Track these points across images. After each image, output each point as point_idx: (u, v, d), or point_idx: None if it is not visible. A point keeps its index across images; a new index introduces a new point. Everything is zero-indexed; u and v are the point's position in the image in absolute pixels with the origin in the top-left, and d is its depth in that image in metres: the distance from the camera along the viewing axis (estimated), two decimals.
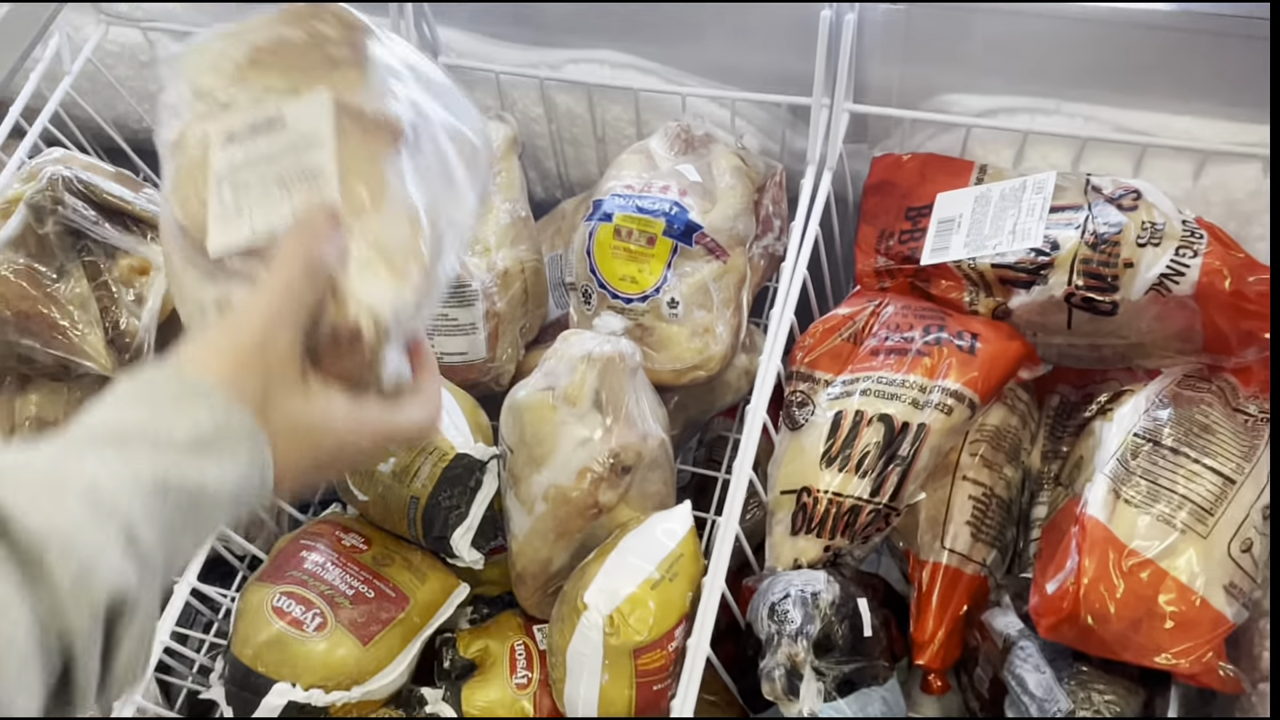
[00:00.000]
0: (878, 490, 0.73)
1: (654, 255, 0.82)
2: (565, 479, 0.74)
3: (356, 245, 0.50)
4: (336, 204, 0.50)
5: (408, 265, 0.51)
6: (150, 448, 0.39)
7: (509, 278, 0.89)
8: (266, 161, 0.52)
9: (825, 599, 0.69)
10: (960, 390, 0.75)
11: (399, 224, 0.51)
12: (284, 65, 0.53)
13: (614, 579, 0.70)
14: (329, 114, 0.51)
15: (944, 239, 0.82)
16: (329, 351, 0.49)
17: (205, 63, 0.54)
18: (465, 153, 0.57)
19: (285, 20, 0.55)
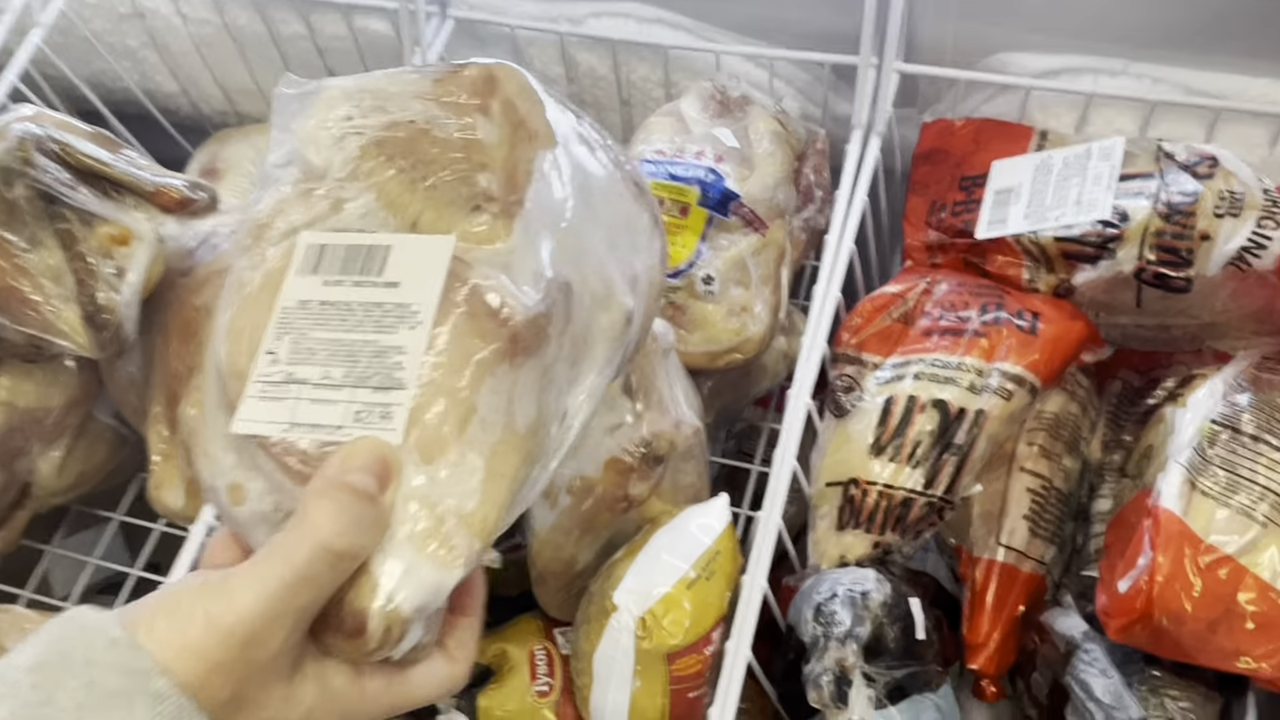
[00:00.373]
0: (931, 482, 0.74)
1: (687, 227, 0.83)
2: (592, 470, 0.75)
3: (409, 504, 0.42)
4: (392, 455, 0.42)
5: (468, 538, 0.42)
6: None
7: None
8: (344, 318, 0.44)
9: (876, 599, 0.70)
10: (1021, 374, 0.76)
11: (472, 470, 0.42)
12: (415, 172, 0.45)
13: (646, 578, 0.71)
14: (439, 283, 0.43)
15: (1001, 211, 0.84)
16: (331, 625, 0.41)
17: (327, 129, 0.47)
18: (609, 329, 0.49)
19: (445, 90, 0.47)
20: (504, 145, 0.46)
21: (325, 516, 0.40)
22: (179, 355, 0.91)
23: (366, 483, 0.41)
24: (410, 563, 0.41)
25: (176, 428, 0.91)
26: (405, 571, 0.41)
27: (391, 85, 0.49)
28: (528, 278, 0.45)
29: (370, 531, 0.41)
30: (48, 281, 0.81)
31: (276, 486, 0.44)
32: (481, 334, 0.44)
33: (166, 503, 0.90)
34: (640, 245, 0.51)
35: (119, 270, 0.82)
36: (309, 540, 0.40)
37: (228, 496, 0.46)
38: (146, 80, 1.18)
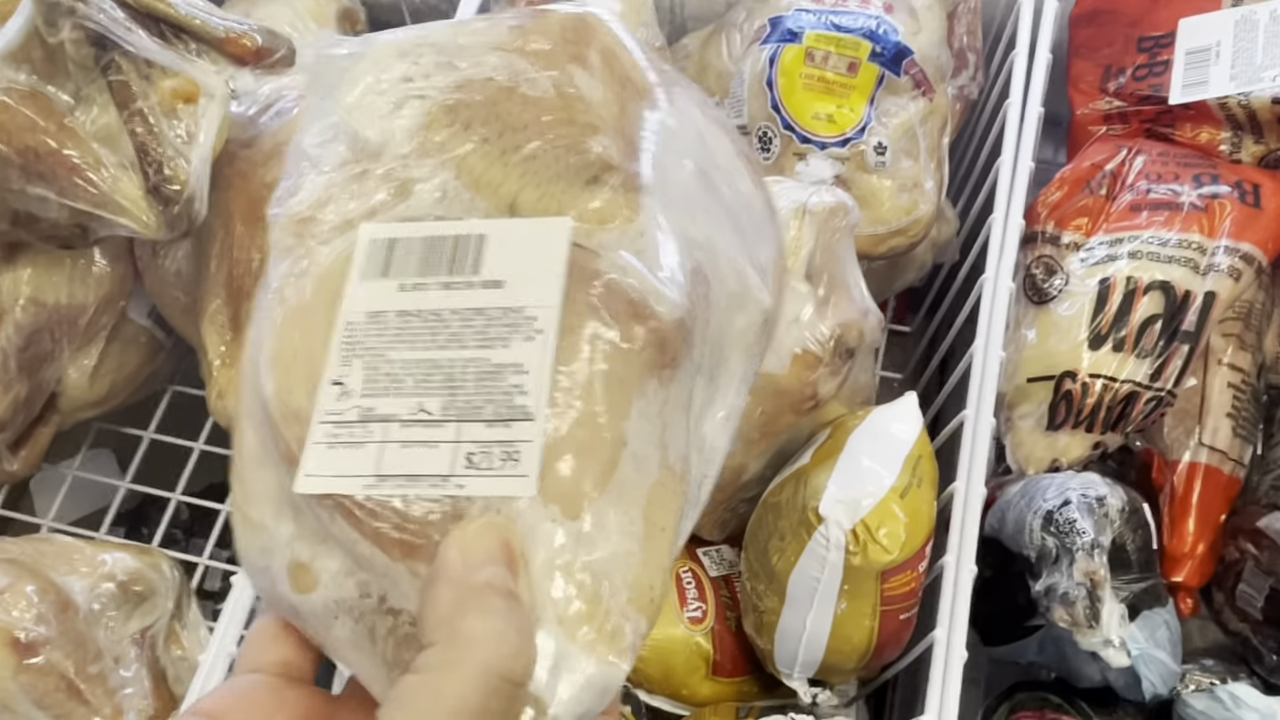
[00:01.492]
0: (1159, 373, 0.65)
1: (854, 87, 0.71)
2: (775, 364, 0.64)
3: (552, 578, 0.30)
4: (515, 534, 0.30)
5: (635, 617, 0.31)
6: None
7: None
8: (434, 332, 0.32)
9: (1113, 504, 0.62)
10: (1250, 251, 0.67)
11: (629, 524, 0.31)
12: (503, 140, 0.34)
13: (852, 487, 0.61)
14: (560, 279, 0.32)
15: (1199, 72, 0.74)
16: None
17: (381, 93, 0.36)
18: (746, 334, 0.38)
19: (528, 40, 0.36)
20: (613, 103, 0.35)
21: (488, 631, 0.27)
22: (244, 241, 0.76)
23: (506, 578, 0.29)
24: (564, 659, 0.29)
25: (242, 327, 0.77)
26: (560, 671, 0.29)
27: (458, 37, 0.37)
28: (665, 266, 0.34)
29: (531, 641, 0.29)
30: (100, 146, 0.66)
31: (364, 563, 0.31)
32: (627, 340, 0.32)
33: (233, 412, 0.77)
34: (765, 232, 0.40)
35: (187, 133, 0.67)
36: (476, 668, 0.27)
37: (290, 581, 0.33)
38: None
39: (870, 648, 0.63)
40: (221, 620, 0.62)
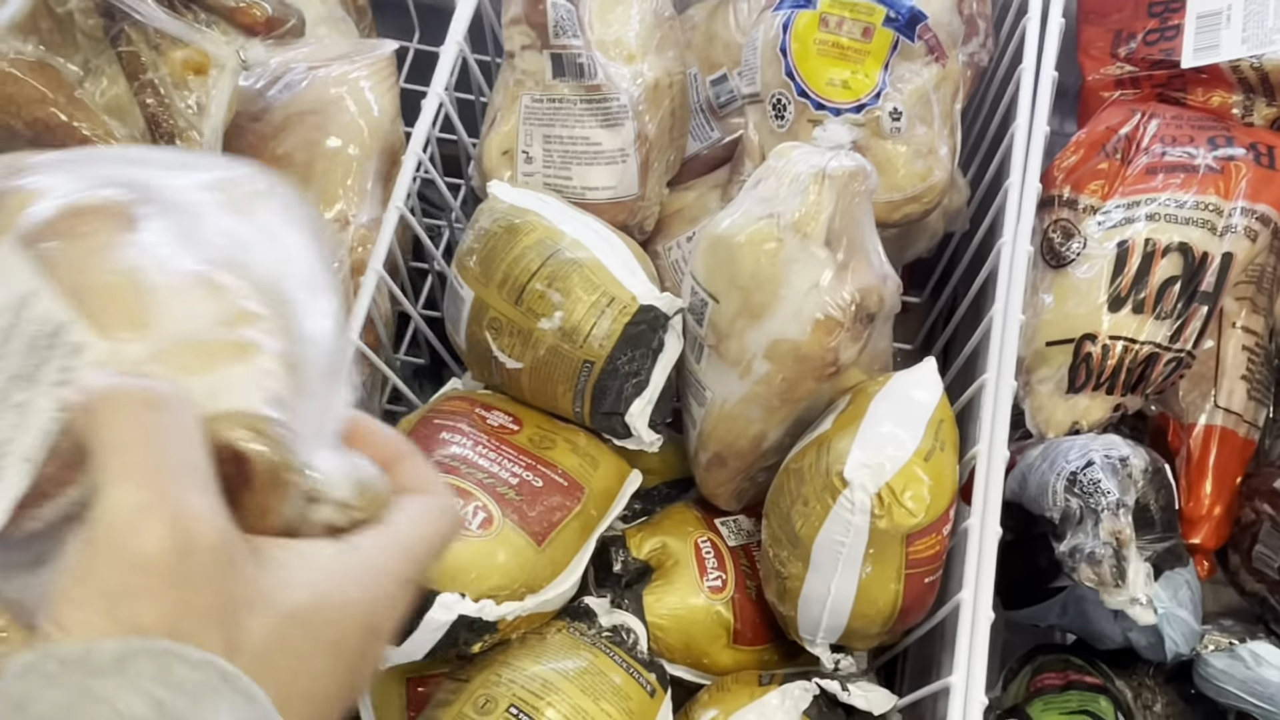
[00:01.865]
0: (1178, 334, 0.66)
1: (869, 52, 0.71)
2: (796, 331, 0.64)
3: (153, 360, 0.32)
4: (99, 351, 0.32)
5: (232, 335, 0.33)
6: None
7: (658, 93, 0.77)
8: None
9: (1137, 465, 0.62)
10: (1266, 212, 0.67)
11: (187, 305, 0.34)
12: None
13: (875, 450, 0.61)
14: (18, 253, 0.33)
15: (1210, 36, 0.74)
16: (247, 504, 0.32)
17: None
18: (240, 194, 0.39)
19: None
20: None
21: (112, 431, 0.30)
22: None
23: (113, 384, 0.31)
24: (202, 379, 0.32)
25: None
26: (210, 389, 0.32)
27: None
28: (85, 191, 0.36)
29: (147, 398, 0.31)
30: (111, 118, 0.65)
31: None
32: (91, 235, 0.34)
33: None
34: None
35: (198, 105, 0.67)
36: (124, 446, 0.29)
37: None
38: None
39: (895, 611, 0.63)
40: None
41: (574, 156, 0.75)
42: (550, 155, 0.75)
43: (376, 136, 0.75)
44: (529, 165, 0.75)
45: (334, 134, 0.74)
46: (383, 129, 0.75)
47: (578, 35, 0.73)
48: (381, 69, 0.77)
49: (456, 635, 0.62)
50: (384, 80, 0.76)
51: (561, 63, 0.73)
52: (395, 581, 0.33)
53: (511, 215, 0.70)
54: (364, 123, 0.75)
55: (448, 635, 0.62)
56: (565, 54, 0.73)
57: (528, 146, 0.75)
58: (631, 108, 0.75)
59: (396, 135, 0.76)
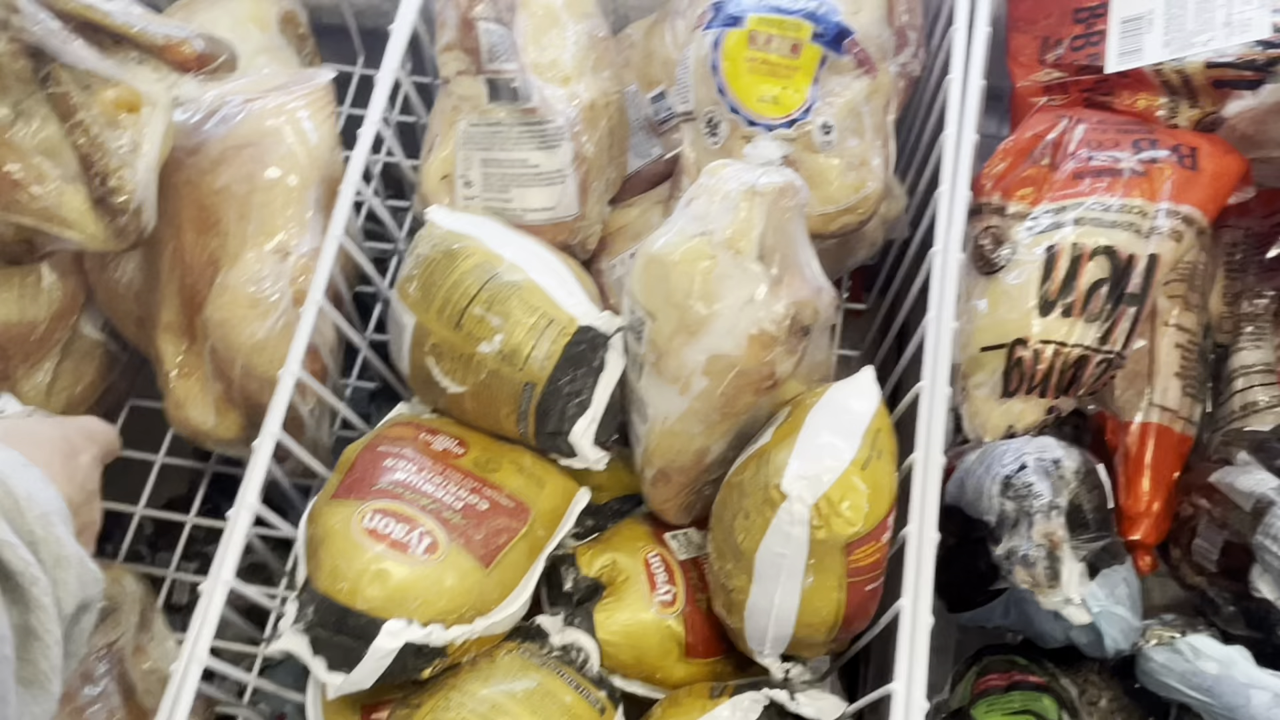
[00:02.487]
0: (1107, 336, 0.67)
1: (798, 68, 0.72)
2: (731, 347, 0.64)
3: None
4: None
5: None
6: None
7: (595, 113, 0.78)
8: None
9: (1069, 466, 0.63)
10: (1190, 213, 0.68)
11: None
12: None
13: (812, 462, 0.62)
14: None
15: (1133, 40, 0.75)
16: None
17: None
18: None
19: None
20: None
21: None
22: (196, 249, 0.76)
23: None
24: None
25: (197, 336, 0.76)
26: None
27: None
28: None
29: None
30: (43, 159, 0.65)
31: None
32: None
33: (194, 423, 0.76)
34: None
35: (131, 143, 0.67)
36: None
37: None
38: None
39: (838, 620, 0.64)
40: (190, 631, 0.62)
41: (512, 179, 0.75)
42: (489, 179, 0.76)
43: (316, 166, 0.75)
44: (468, 189, 0.76)
45: (272, 165, 0.74)
46: (322, 158, 0.75)
47: (512, 59, 0.74)
48: (319, 98, 0.77)
49: (405, 662, 0.63)
50: (322, 109, 0.77)
51: (497, 87, 0.74)
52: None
53: (449, 240, 0.70)
54: (302, 152, 0.75)
55: (396, 662, 0.62)
56: (500, 78, 0.74)
57: (466, 171, 0.76)
58: (568, 129, 0.75)
59: (336, 164, 0.76)
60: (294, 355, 0.67)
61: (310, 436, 0.77)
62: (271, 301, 0.72)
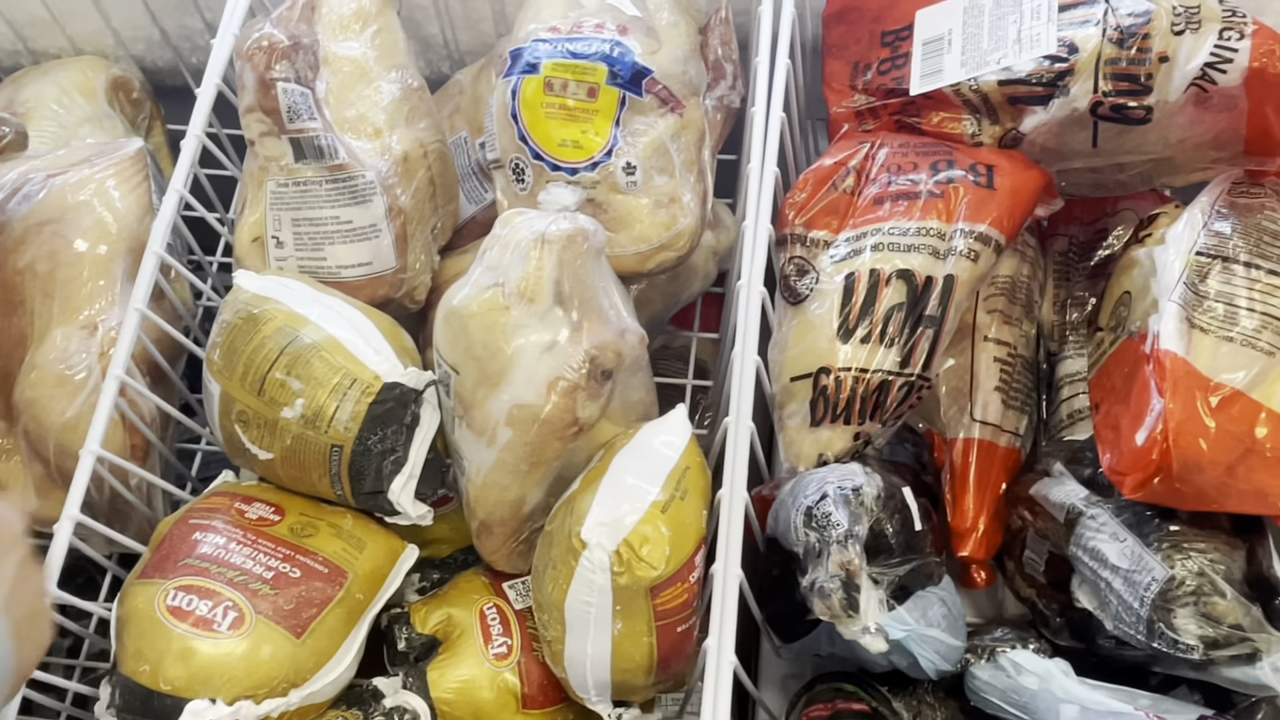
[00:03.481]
0: (907, 359, 0.67)
1: (598, 111, 0.72)
2: (532, 396, 0.64)
3: None
4: None
5: None
6: None
7: (410, 164, 0.77)
8: None
9: (869, 493, 0.63)
10: (985, 232, 0.69)
11: None
12: None
13: (613, 507, 0.62)
14: None
15: (934, 62, 0.76)
16: None
17: None
18: None
19: None
20: None
21: None
22: (4, 330, 0.75)
23: None
24: None
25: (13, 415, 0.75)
26: None
27: None
28: None
29: None
30: None
31: None
32: None
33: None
34: None
35: None
36: None
37: None
38: None
39: (653, 663, 0.64)
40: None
41: (325, 237, 0.75)
42: (301, 238, 0.75)
43: (124, 236, 0.74)
44: (280, 250, 0.75)
45: (77, 238, 0.73)
46: (130, 228, 0.75)
47: (314, 117, 0.73)
48: (127, 167, 0.76)
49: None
50: (130, 179, 0.76)
51: (301, 146, 0.73)
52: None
53: (252, 305, 0.70)
54: (111, 223, 0.74)
55: None
56: (303, 137, 0.73)
57: (277, 231, 0.75)
58: (380, 182, 0.75)
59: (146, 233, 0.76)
60: (93, 433, 0.66)
61: (141, 514, 0.76)
62: (79, 379, 0.71)
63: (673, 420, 0.67)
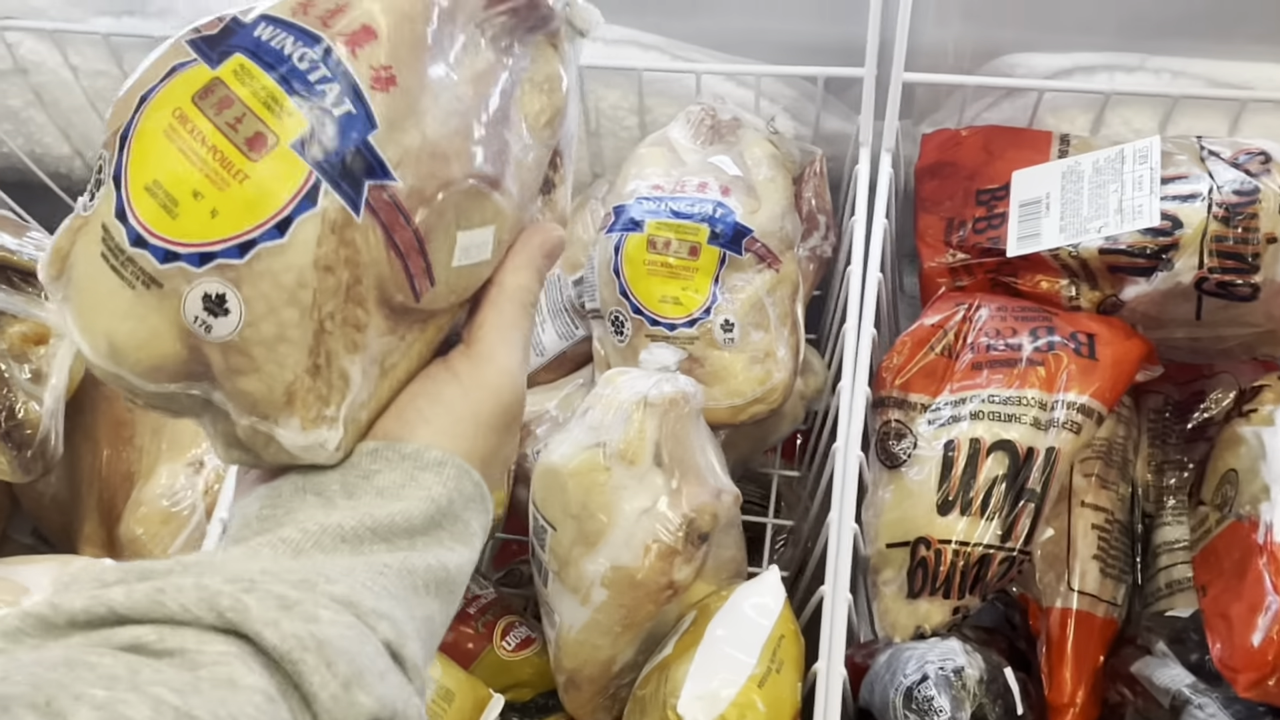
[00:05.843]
0: (1009, 533, 0.66)
1: (698, 269, 0.73)
2: (629, 558, 0.65)
3: None
4: None
5: None
6: (386, 542, 0.38)
7: None
8: None
9: (972, 676, 0.62)
10: (1087, 404, 0.69)
11: None
12: None
13: (710, 680, 0.61)
14: None
15: (1032, 224, 0.77)
16: None
17: None
18: None
19: None
20: None
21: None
22: (113, 463, 0.77)
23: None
24: None
25: (116, 549, 0.77)
26: None
27: None
28: None
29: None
30: None
31: None
32: None
33: None
34: None
35: (37, 374, 0.69)
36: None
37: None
38: (33, 143, 1.04)
39: None
40: None
41: None
42: None
43: None
44: None
45: None
46: None
47: None
48: None
49: None
50: None
51: None
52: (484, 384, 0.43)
53: None
54: None
55: None
56: None
57: None
58: None
59: None
60: None
61: None
62: (184, 516, 0.72)
63: (767, 583, 0.67)
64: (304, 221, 0.36)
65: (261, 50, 0.36)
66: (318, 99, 0.36)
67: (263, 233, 0.35)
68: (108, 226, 0.36)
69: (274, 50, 0.36)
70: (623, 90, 0.87)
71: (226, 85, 0.36)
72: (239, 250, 0.35)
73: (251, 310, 0.36)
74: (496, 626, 0.78)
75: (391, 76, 0.37)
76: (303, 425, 0.38)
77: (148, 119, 0.36)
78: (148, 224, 0.35)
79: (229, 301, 0.36)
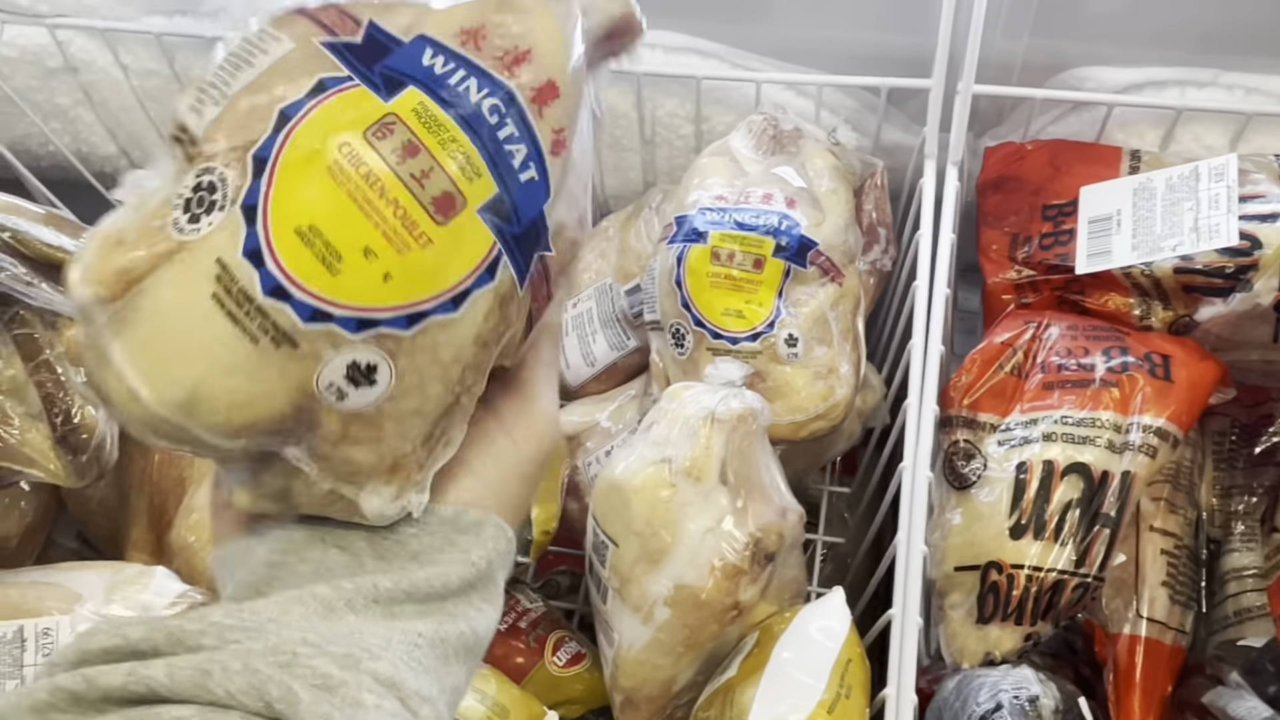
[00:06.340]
0: (1083, 559, 0.65)
1: (762, 282, 0.72)
2: (694, 577, 0.63)
3: None
4: None
5: None
6: (419, 605, 0.36)
7: None
8: None
9: (1047, 705, 0.60)
10: (1164, 427, 0.67)
11: None
12: None
13: (778, 704, 0.60)
14: None
15: (1102, 241, 0.75)
16: None
17: None
18: None
19: None
20: None
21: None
22: (164, 468, 0.76)
23: None
24: None
25: (166, 556, 0.76)
26: None
27: None
28: None
29: None
30: (6, 399, 0.66)
31: None
32: None
33: None
34: None
35: None
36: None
37: None
38: (80, 142, 1.03)
39: None
40: None
41: None
42: None
43: None
44: None
45: None
46: None
47: None
48: None
49: None
50: None
51: None
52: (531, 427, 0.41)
53: None
54: None
55: None
56: None
57: None
58: None
59: None
60: None
61: None
62: None
63: (832, 605, 0.65)
64: (480, 295, 0.32)
65: (440, 88, 0.32)
66: (506, 160, 0.32)
67: (438, 305, 0.32)
68: (228, 265, 0.30)
69: (455, 92, 0.32)
70: (679, 98, 0.86)
71: (409, 128, 0.31)
72: (407, 321, 0.31)
73: (401, 384, 0.32)
74: (548, 641, 0.77)
75: (564, 140, 0.34)
76: (396, 494, 0.35)
77: (299, 144, 0.31)
78: (295, 275, 0.30)
79: (379, 373, 0.32)
